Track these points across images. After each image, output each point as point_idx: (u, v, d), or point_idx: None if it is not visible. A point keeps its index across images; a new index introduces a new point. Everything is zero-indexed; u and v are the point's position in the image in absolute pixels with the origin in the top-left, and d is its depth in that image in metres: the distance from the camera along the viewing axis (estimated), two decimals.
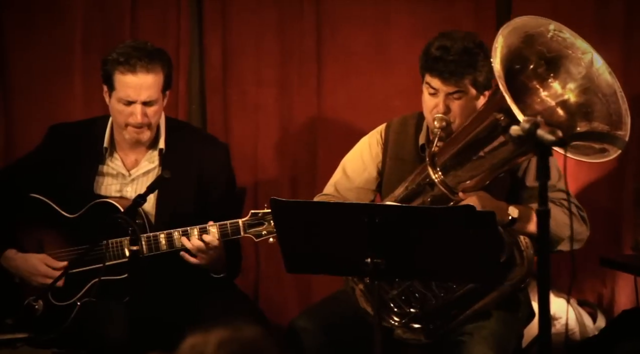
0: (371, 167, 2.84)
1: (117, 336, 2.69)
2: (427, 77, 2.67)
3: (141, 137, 2.87)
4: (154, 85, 2.82)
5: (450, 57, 2.62)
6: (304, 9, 3.48)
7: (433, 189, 2.60)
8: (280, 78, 3.53)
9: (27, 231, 2.94)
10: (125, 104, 2.81)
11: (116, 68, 2.80)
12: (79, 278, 2.82)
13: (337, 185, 2.85)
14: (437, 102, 2.66)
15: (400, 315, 2.66)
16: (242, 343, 1.47)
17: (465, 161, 2.58)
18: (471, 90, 2.65)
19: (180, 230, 2.77)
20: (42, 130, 3.05)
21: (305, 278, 3.47)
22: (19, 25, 3.43)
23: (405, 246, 2.39)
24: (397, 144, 2.82)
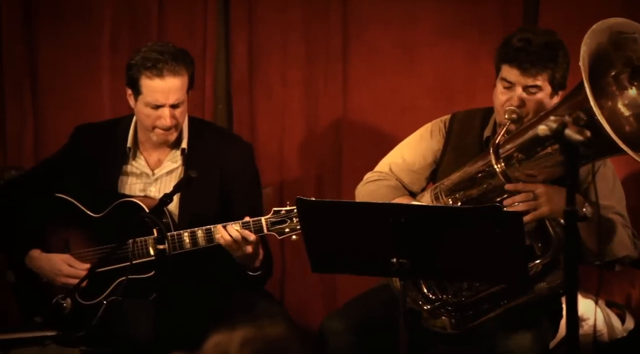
0: (428, 154, 2.81)
1: (142, 334, 2.70)
2: (505, 69, 2.63)
3: (169, 139, 2.88)
4: (181, 88, 2.82)
5: (532, 48, 2.59)
6: (330, 9, 3.48)
7: (493, 178, 2.56)
8: (305, 78, 3.52)
9: (53, 231, 2.95)
10: (152, 108, 2.82)
11: (143, 73, 2.80)
12: (105, 277, 2.83)
13: (392, 166, 2.83)
14: (511, 96, 2.62)
15: (431, 300, 2.64)
16: (266, 341, 1.46)
17: (531, 155, 2.52)
18: (547, 87, 2.62)
19: (204, 228, 2.77)
20: (70, 130, 3.07)
21: (330, 277, 3.46)
22: (48, 27, 3.45)
23: (431, 246, 2.37)
24: (461, 135, 2.79)
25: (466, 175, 2.63)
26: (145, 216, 2.68)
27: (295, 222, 2.76)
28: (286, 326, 1.54)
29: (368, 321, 2.71)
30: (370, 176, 2.85)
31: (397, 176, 2.81)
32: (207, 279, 2.87)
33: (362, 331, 2.69)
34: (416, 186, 2.82)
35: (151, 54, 2.81)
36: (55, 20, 3.45)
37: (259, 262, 2.82)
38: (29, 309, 2.94)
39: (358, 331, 2.68)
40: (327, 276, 3.41)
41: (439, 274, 2.51)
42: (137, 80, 2.82)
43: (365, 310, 2.74)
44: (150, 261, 2.81)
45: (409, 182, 2.81)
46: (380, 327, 2.69)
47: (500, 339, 2.61)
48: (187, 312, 2.87)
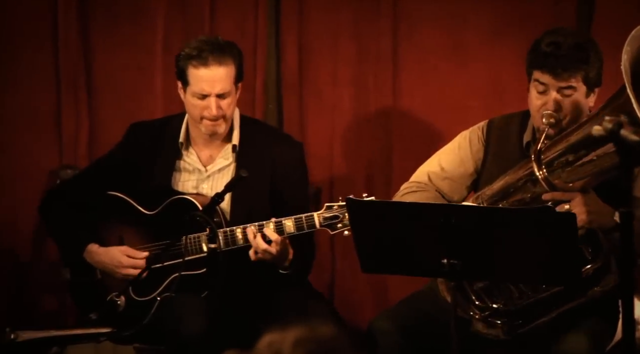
0: (469, 163, 2.77)
1: (194, 331, 2.72)
2: (537, 74, 2.59)
3: (217, 129, 2.89)
4: (226, 78, 2.83)
5: (563, 52, 2.55)
6: (381, 9, 3.46)
7: (535, 186, 2.52)
8: (356, 77, 3.51)
9: (108, 228, 2.99)
10: (199, 98, 2.84)
11: (189, 63, 2.83)
12: (159, 274, 2.85)
13: (431, 175, 2.79)
14: (546, 100, 2.58)
15: (482, 308, 2.61)
16: (319, 341, 1.46)
17: (574, 161, 2.48)
18: (582, 86, 2.58)
19: (256, 224, 2.78)
20: (124, 128, 3.10)
21: (381, 277, 3.45)
22: (103, 27, 3.49)
23: (482, 247, 2.35)
24: (500, 141, 2.74)
25: (508, 184, 2.59)
26: (198, 215, 2.70)
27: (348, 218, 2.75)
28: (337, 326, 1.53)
29: (418, 322, 2.69)
30: (408, 186, 2.81)
31: (437, 185, 2.78)
32: (259, 276, 2.88)
33: (412, 332, 2.67)
34: (457, 195, 2.78)
35: (198, 44, 2.85)
36: (109, 21, 3.49)
37: (288, 261, 2.82)
38: (84, 307, 2.98)
39: (407, 332, 2.66)
40: (378, 275, 3.39)
41: (490, 275, 2.48)
42: (185, 70, 2.85)
43: (415, 311, 2.71)
44: (203, 258, 2.83)
45: (449, 192, 2.77)
46: (429, 329, 2.67)
47: (555, 343, 2.57)
48: (238, 309, 2.88)
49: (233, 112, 2.92)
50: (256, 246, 2.75)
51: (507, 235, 2.34)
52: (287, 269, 2.84)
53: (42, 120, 3.49)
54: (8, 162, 3.46)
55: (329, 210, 2.77)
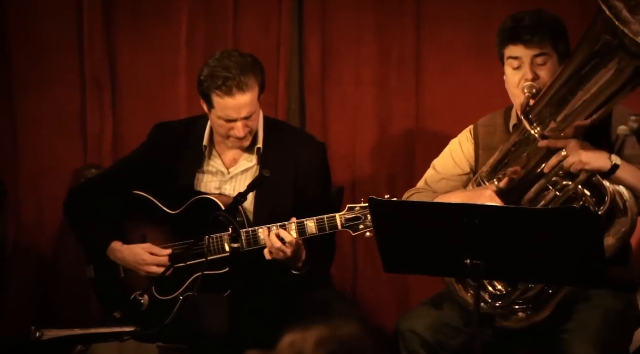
0: (463, 163, 2.82)
1: (217, 330, 2.72)
2: (509, 50, 2.67)
3: (244, 145, 2.91)
4: (252, 102, 2.83)
5: (527, 22, 2.65)
6: (404, 9, 3.44)
7: (529, 144, 2.57)
8: (378, 78, 3.49)
9: (132, 227, 3.00)
10: (226, 121, 2.84)
11: (213, 91, 2.81)
12: (181, 273, 2.86)
13: (428, 179, 2.85)
14: (523, 73, 2.65)
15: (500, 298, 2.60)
16: (341, 341, 1.45)
17: (563, 103, 2.52)
18: (554, 54, 2.65)
19: (278, 225, 2.78)
20: (148, 129, 3.11)
21: (403, 277, 3.43)
22: (127, 28, 3.50)
23: (505, 248, 2.33)
24: (488, 135, 2.80)
25: (502, 153, 2.64)
26: (221, 214, 2.70)
27: (370, 219, 2.74)
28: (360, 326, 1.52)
29: (444, 322, 2.67)
30: (407, 194, 2.84)
31: (434, 188, 2.80)
32: (281, 276, 2.88)
33: (438, 332, 2.65)
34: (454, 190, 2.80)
35: (219, 72, 2.79)
36: (134, 22, 3.50)
37: (302, 263, 2.81)
38: (108, 305, 2.99)
39: (434, 332, 2.65)
40: (400, 276, 3.38)
41: (514, 276, 2.46)
42: (209, 96, 2.84)
43: (441, 311, 2.70)
44: (226, 258, 2.83)
45: (443, 190, 2.79)
46: (456, 328, 2.65)
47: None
48: (261, 309, 2.87)
49: (258, 124, 2.92)
50: (271, 246, 2.74)
51: (530, 235, 2.32)
52: (299, 270, 2.83)
53: (68, 120, 3.51)
54: (35, 161, 3.49)
55: (351, 211, 2.77)
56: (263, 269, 2.85)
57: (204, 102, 2.90)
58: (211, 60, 2.86)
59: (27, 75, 3.47)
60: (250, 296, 2.83)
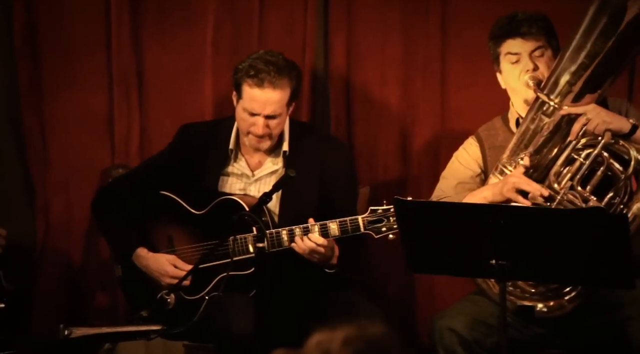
0: (472, 164, 2.84)
1: (242, 329, 2.73)
2: (506, 45, 2.73)
3: (261, 146, 2.91)
4: (279, 101, 2.84)
5: (521, 17, 2.72)
6: (429, 10, 3.42)
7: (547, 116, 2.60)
8: (403, 78, 3.48)
9: (158, 227, 3.01)
10: (249, 114, 2.84)
11: (245, 80, 2.84)
12: (207, 273, 2.86)
13: (443, 186, 2.87)
14: (523, 65, 2.69)
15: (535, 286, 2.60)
16: (367, 341, 1.44)
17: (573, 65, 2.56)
18: (549, 48, 2.70)
19: (301, 226, 2.77)
20: (174, 129, 3.12)
21: (429, 276, 3.41)
22: (154, 29, 3.51)
23: (531, 248, 2.32)
24: (490, 137, 2.84)
25: (519, 135, 2.67)
26: (246, 214, 2.71)
27: (392, 221, 2.74)
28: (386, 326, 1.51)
29: (480, 320, 2.66)
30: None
31: (450, 193, 2.81)
32: (306, 276, 2.87)
33: (475, 329, 2.64)
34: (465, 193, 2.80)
35: (258, 63, 2.83)
36: (161, 22, 3.51)
37: (336, 258, 2.81)
38: (135, 303, 3.00)
39: (470, 329, 2.64)
40: (426, 276, 3.36)
41: (540, 276, 2.44)
42: (240, 85, 2.86)
43: (477, 308, 2.69)
44: (251, 258, 2.83)
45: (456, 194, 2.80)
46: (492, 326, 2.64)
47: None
48: (286, 308, 2.87)
49: (280, 131, 2.91)
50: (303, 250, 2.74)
51: (556, 235, 2.30)
52: (333, 268, 2.82)
53: (95, 120, 3.53)
54: (63, 161, 3.51)
55: (373, 213, 2.76)
56: (288, 269, 2.85)
57: (235, 94, 2.90)
58: (255, 54, 2.88)
59: (55, 75, 3.49)
60: (275, 296, 2.83)
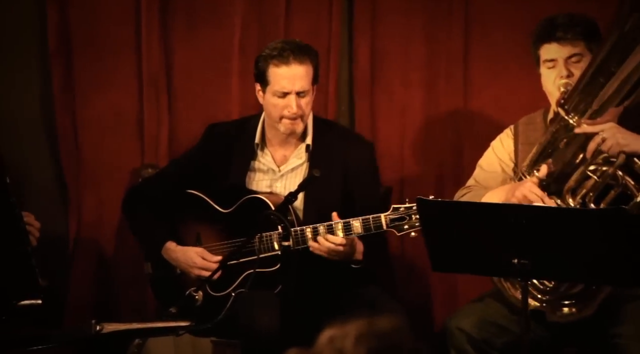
0: (505, 157, 2.84)
1: (268, 325, 2.74)
2: (543, 50, 2.70)
3: (295, 128, 2.91)
4: (305, 76, 2.86)
5: (560, 21, 2.68)
6: (452, 12, 3.42)
7: (566, 133, 2.58)
8: (426, 79, 3.48)
9: (186, 225, 3.04)
10: (280, 96, 2.86)
11: (270, 62, 2.86)
12: (233, 270, 2.89)
13: (477, 177, 2.87)
14: (557, 71, 2.67)
15: (548, 292, 2.58)
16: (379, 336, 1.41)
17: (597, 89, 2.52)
18: (587, 53, 2.66)
19: (325, 224, 2.79)
20: (202, 129, 3.14)
21: (451, 275, 3.41)
22: (183, 31, 3.54)
23: (553, 247, 2.31)
24: (527, 131, 2.82)
25: (541, 147, 2.65)
26: (272, 213, 2.72)
27: (414, 219, 2.75)
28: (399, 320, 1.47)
29: (490, 320, 2.66)
30: (459, 193, 2.86)
31: (484, 184, 2.81)
32: (329, 273, 2.89)
33: (484, 330, 2.64)
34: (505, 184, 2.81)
35: (278, 45, 2.89)
36: (189, 25, 3.53)
37: (360, 254, 2.82)
38: (164, 300, 3.03)
39: (480, 329, 2.64)
40: (448, 274, 3.36)
41: (562, 276, 2.44)
42: (265, 71, 2.88)
43: (487, 309, 2.69)
44: (276, 255, 2.85)
45: (496, 184, 2.81)
46: (502, 326, 2.64)
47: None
48: (310, 306, 2.89)
49: (310, 112, 2.93)
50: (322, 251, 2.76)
51: (577, 235, 2.29)
52: (358, 263, 2.83)
53: (126, 120, 3.55)
54: (94, 161, 3.54)
55: (396, 211, 2.77)
56: (313, 267, 2.86)
57: (259, 88, 2.92)
58: (271, 44, 2.95)
59: (87, 77, 3.52)
60: (300, 293, 2.84)
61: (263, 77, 2.89)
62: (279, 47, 2.87)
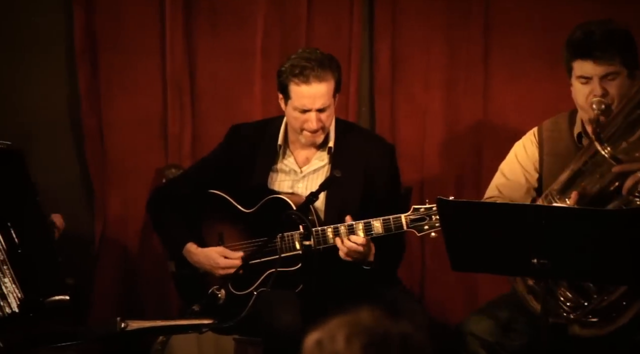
0: (529, 166, 2.76)
1: (289, 324, 2.75)
2: (577, 65, 2.59)
3: (316, 140, 2.92)
4: (326, 93, 2.86)
5: (597, 38, 2.56)
6: (472, 15, 3.42)
7: (601, 165, 2.48)
8: (446, 81, 3.48)
9: (209, 224, 3.05)
10: (300, 112, 2.87)
11: (291, 80, 2.86)
12: (255, 269, 2.90)
13: (500, 187, 2.78)
14: (591, 88, 2.56)
15: (574, 309, 2.55)
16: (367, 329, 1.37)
17: (637, 123, 2.43)
18: (623, 70, 2.56)
19: (346, 224, 2.79)
20: (225, 130, 3.16)
21: (471, 276, 3.40)
22: (206, 35, 3.56)
23: (573, 248, 2.30)
24: (552, 140, 2.73)
25: (573, 171, 2.56)
26: (293, 213, 2.73)
27: (435, 220, 2.74)
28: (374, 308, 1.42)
29: (504, 324, 2.64)
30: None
31: (508, 195, 2.75)
32: (351, 273, 2.89)
33: (498, 334, 2.62)
34: (527, 201, 2.75)
35: (299, 62, 2.86)
36: (212, 29, 3.55)
37: (372, 256, 2.83)
38: (187, 298, 3.05)
39: (493, 333, 2.62)
40: (468, 274, 3.35)
41: (581, 276, 2.42)
42: (286, 86, 2.88)
43: (501, 313, 2.67)
44: (297, 255, 2.85)
45: (519, 198, 2.74)
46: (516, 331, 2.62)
47: None
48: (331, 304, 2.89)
49: (331, 123, 2.93)
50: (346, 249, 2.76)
51: (598, 236, 2.28)
52: (370, 265, 2.84)
53: (150, 122, 3.58)
54: (120, 161, 3.57)
55: (416, 212, 2.76)
56: (333, 266, 2.87)
57: (281, 97, 2.93)
58: (293, 55, 2.91)
59: (113, 79, 3.55)
60: (321, 292, 2.85)
61: (285, 90, 2.90)
62: (300, 65, 2.84)
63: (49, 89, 3.55)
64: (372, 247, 2.82)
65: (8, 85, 3.50)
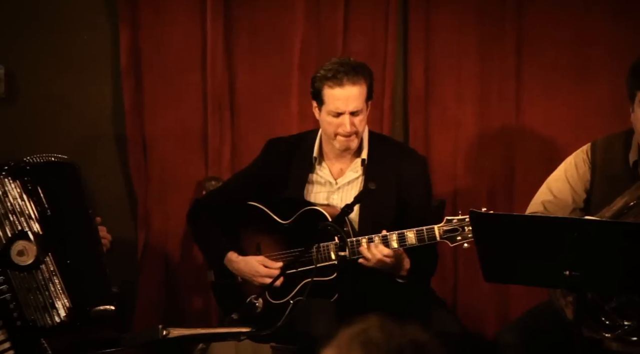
0: (579, 187, 2.70)
1: (324, 333, 2.75)
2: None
3: (350, 144, 2.92)
4: (359, 96, 2.87)
5: None
6: (505, 31, 3.41)
7: None
8: (479, 96, 3.47)
9: (247, 235, 3.07)
10: (334, 115, 2.88)
11: (325, 83, 2.88)
12: (292, 279, 2.91)
13: (546, 204, 2.73)
14: None
15: (613, 328, 2.51)
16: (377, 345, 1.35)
17: None
18: None
19: (380, 235, 2.78)
20: (262, 143, 3.18)
21: (504, 286, 3.37)
22: (246, 52, 3.58)
23: (605, 260, 2.27)
24: (606, 162, 2.67)
25: (625, 204, 2.51)
26: (329, 224, 2.73)
27: (467, 231, 2.73)
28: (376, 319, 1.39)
29: (544, 336, 2.61)
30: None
31: (553, 213, 2.70)
32: (385, 283, 2.88)
33: (538, 346, 2.59)
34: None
35: (333, 67, 2.89)
36: (252, 47, 3.58)
37: (405, 271, 2.81)
38: (226, 307, 3.06)
39: (534, 345, 2.59)
40: (501, 285, 3.32)
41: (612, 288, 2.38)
42: (320, 91, 2.90)
43: (541, 324, 2.64)
44: (333, 265, 2.85)
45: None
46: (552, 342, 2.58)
47: None
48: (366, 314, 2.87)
49: (364, 129, 2.94)
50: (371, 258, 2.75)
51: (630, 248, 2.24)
52: (404, 278, 2.82)
53: (191, 136, 3.61)
54: (162, 174, 3.60)
55: (449, 223, 2.75)
56: (368, 277, 2.86)
57: (315, 105, 2.94)
58: (326, 64, 2.95)
59: (156, 94, 3.59)
60: (356, 301, 2.84)
61: (319, 96, 2.92)
62: (333, 69, 2.88)
63: (96, 105, 3.60)
64: (404, 263, 2.80)
65: (58, 100, 3.56)
